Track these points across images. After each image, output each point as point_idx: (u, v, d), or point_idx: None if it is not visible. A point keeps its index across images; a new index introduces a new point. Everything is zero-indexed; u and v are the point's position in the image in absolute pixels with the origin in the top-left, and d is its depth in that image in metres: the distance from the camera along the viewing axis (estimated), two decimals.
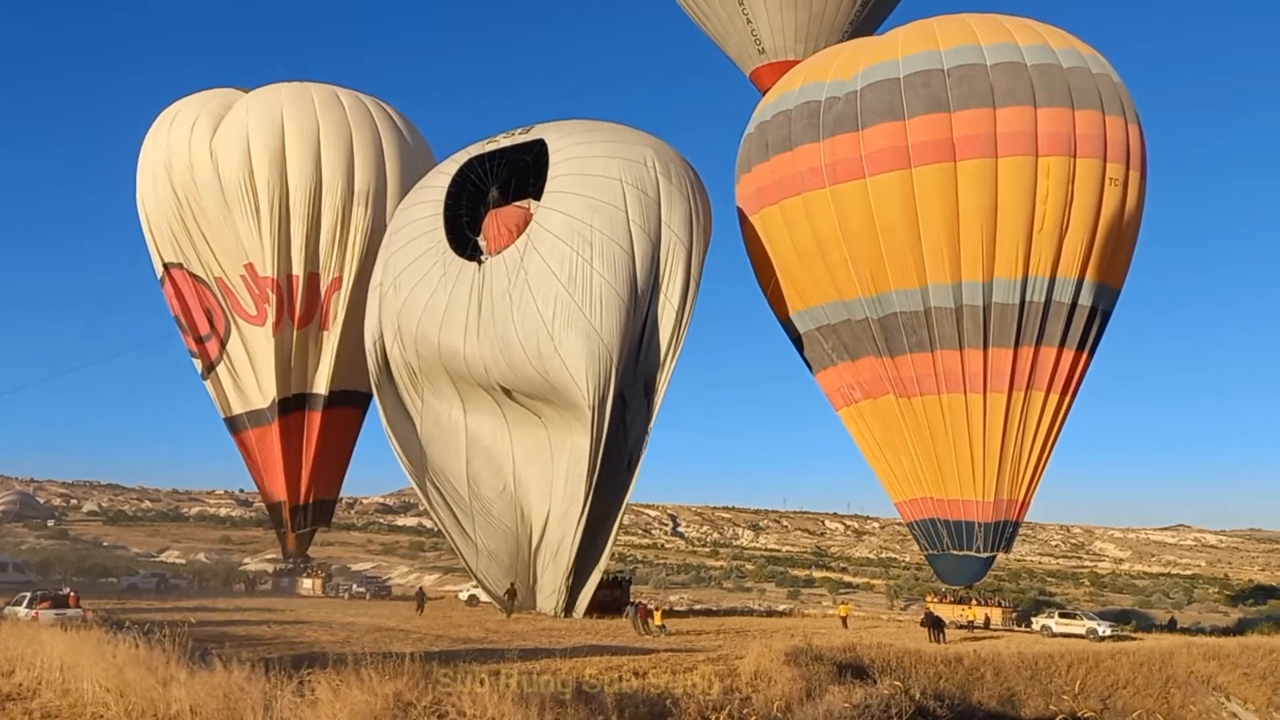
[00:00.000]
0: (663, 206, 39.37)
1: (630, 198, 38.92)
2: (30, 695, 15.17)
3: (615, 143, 41.20)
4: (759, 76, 58.11)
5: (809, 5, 54.87)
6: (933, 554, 44.14)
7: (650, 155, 40.52)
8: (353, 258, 50.12)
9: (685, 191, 40.21)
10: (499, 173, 42.06)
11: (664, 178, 39.84)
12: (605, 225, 38.23)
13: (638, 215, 38.78)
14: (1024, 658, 28.81)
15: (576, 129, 42.25)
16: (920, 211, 40.35)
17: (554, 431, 39.90)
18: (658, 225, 39.06)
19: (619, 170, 39.47)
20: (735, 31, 57.77)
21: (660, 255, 38.85)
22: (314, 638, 26.72)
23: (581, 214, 38.47)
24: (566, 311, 37.17)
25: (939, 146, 39.98)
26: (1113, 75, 42.28)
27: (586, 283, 37.41)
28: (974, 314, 40.86)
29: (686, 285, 38.99)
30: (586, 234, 38.01)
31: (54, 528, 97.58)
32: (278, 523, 53.78)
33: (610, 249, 37.89)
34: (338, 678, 12.26)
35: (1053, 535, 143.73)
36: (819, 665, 20.51)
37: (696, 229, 39.93)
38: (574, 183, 39.41)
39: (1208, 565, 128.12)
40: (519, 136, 42.67)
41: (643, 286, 38.37)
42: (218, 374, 51.99)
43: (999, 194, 39.83)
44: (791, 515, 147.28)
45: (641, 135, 42.94)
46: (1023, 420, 41.63)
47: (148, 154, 51.80)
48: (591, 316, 37.06)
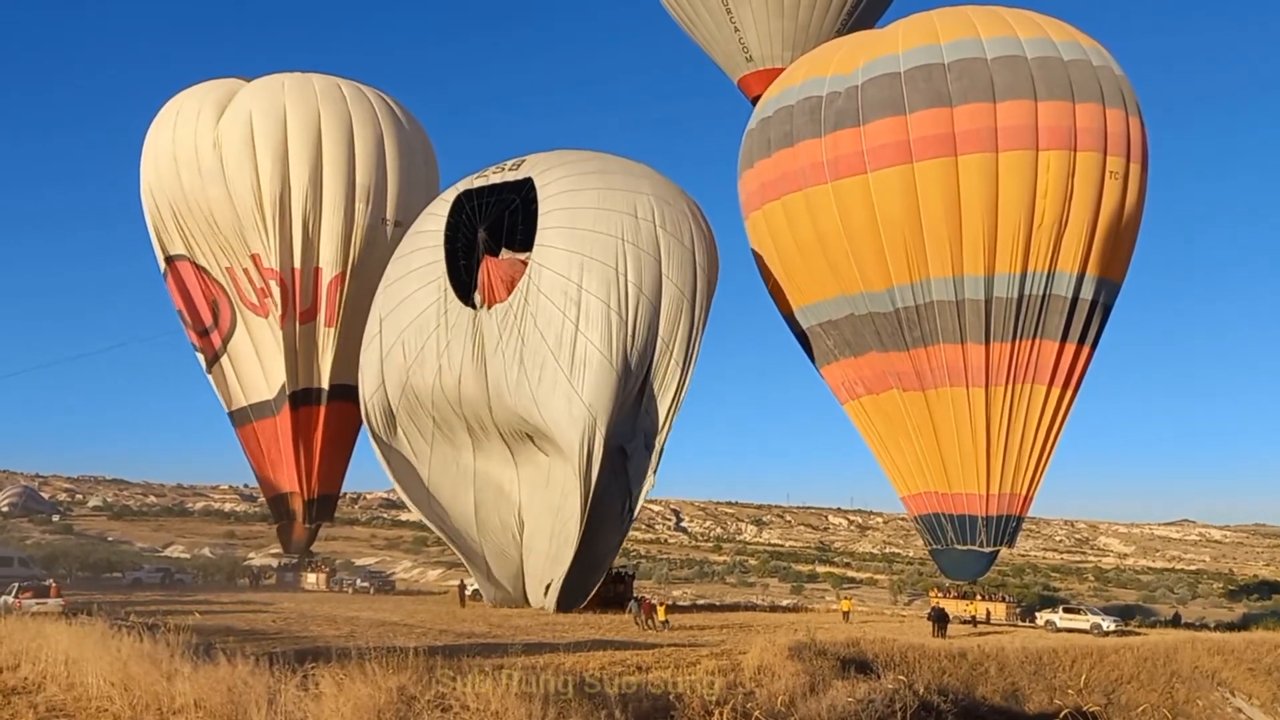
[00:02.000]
0: (662, 261, 38.49)
1: (628, 256, 37.99)
2: (35, 689, 15.21)
3: (608, 190, 39.72)
4: (746, 84, 58.58)
5: (795, 14, 55.20)
6: (937, 549, 44.13)
7: (646, 204, 39.33)
8: (353, 252, 50.16)
9: (685, 238, 39.20)
10: (488, 210, 41.26)
11: (662, 229, 38.85)
12: (598, 286, 37.43)
13: (634, 274, 37.90)
14: (1028, 653, 28.78)
15: (567, 169, 40.75)
16: (922, 206, 40.29)
17: (554, 462, 39.72)
18: (657, 281, 38.22)
19: (615, 226, 38.39)
20: (723, 40, 58.12)
21: (661, 311, 38.08)
22: (318, 632, 26.76)
23: (573, 273, 37.72)
24: (553, 377, 36.99)
25: (940, 141, 39.90)
26: (1114, 68, 42.13)
27: (572, 347, 36.95)
28: (975, 308, 40.81)
29: (690, 337, 38.41)
30: (575, 295, 37.36)
31: (59, 523, 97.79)
32: (279, 516, 53.83)
33: (601, 312, 37.19)
34: (342, 672, 12.27)
35: (1057, 530, 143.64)
36: (822, 660, 20.50)
37: (699, 279, 39.07)
38: (565, 237, 38.42)
39: (1212, 561, 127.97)
40: (509, 172, 41.69)
41: (641, 344, 37.69)
42: (221, 366, 52.10)
43: (999, 188, 39.77)
44: (795, 510, 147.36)
45: (634, 172, 41.50)
46: (1025, 414, 41.61)
47: (151, 146, 51.80)
48: (575, 381, 36.61)
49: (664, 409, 38.46)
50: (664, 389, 38.44)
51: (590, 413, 36.44)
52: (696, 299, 38.95)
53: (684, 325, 38.49)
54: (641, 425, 38.87)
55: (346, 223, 49.66)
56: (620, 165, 42.27)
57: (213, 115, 49.53)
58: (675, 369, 38.34)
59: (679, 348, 38.33)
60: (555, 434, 37.46)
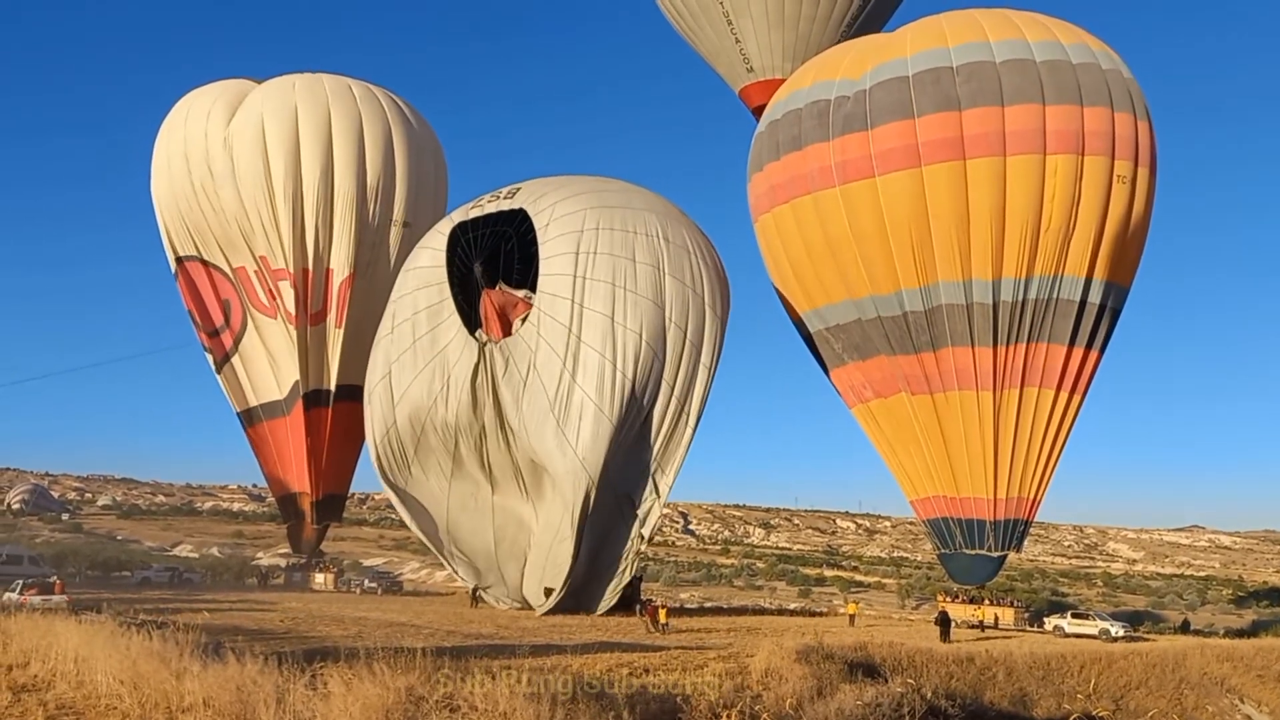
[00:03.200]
0: (665, 307, 38.00)
1: (628, 304, 37.47)
2: (45, 687, 15.27)
3: (608, 230, 38.68)
4: (748, 94, 59.11)
5: (796, 25, 55.59)
6: (945, 553, 44.03)
7: (646, 247, 38.50)
8: (363, 253, 50.31)
9: (689, 278, 38.62)
10: (483, 243, 40.84)
11: (666, 274, 38.20)
12: (596, 339, 37.11)
13: (634, 322, 37.35)
14: (1036, 658, 28.71)
15: (566, 206, 39.66)
16: (930, 210, 40.24)
17: (555, 500, 39.44)
18: (660, 329, 37.74)
19: (619, 275, 37.75)
20: (724, 51, 58.61)
21: (665, 357, 37.70)
22: (326, 632, 26.82)
23: (572, 323, 37.40)
24: (550, 426, 37.08)
25: (949, 145, 39.85)
26: (1123, 71, 42.01)
27: (567, 398, 36.88)
28: (984, 311, 40.76)
29: (692, 380, 38.02)
30: (574, 347, 37.16)
31: (68, 521, 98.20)
32: (289, 516, 53.98)
33: (599, 365, 36.91)
34: (350, 672, 12.31)
35: (1066, 535, 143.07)
36: (830, 664, 20.48)
37: (708, 320, 38.57)
38: (563, 285, 37.91)
39: (1222, 567, 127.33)
40: (503, 200, 41.06)
41: (643, 393, 37.36)
42: (231, 366, 52.30)
43: (1007, 192, 39.72)
44: (803, 514, 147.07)
45: (634, 205, 40.37)
46: (1033, 418, 41.51)
47: (163, 146, 52.04)
48: (569, 432, 36.57)
49: (671, 454, 38.14)
50: (671, 435, 38.05)
51: (583, 467, 36.38)
52: (704, 342, 38.37)
53: (687, 367, 37.96)
54: (649, 466, 38.33)
55: (357, 224, 49.84)
56: (620, 197, 41.03)
57: (224, 116, 49.75)
58: (682, 415, 37.93)
59: (683, 391, 37.86)
60: (552, 477, 37.76)
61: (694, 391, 38.31)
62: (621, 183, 43.15)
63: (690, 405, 38.28)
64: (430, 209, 53.24)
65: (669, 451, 38.42)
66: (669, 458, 38.42)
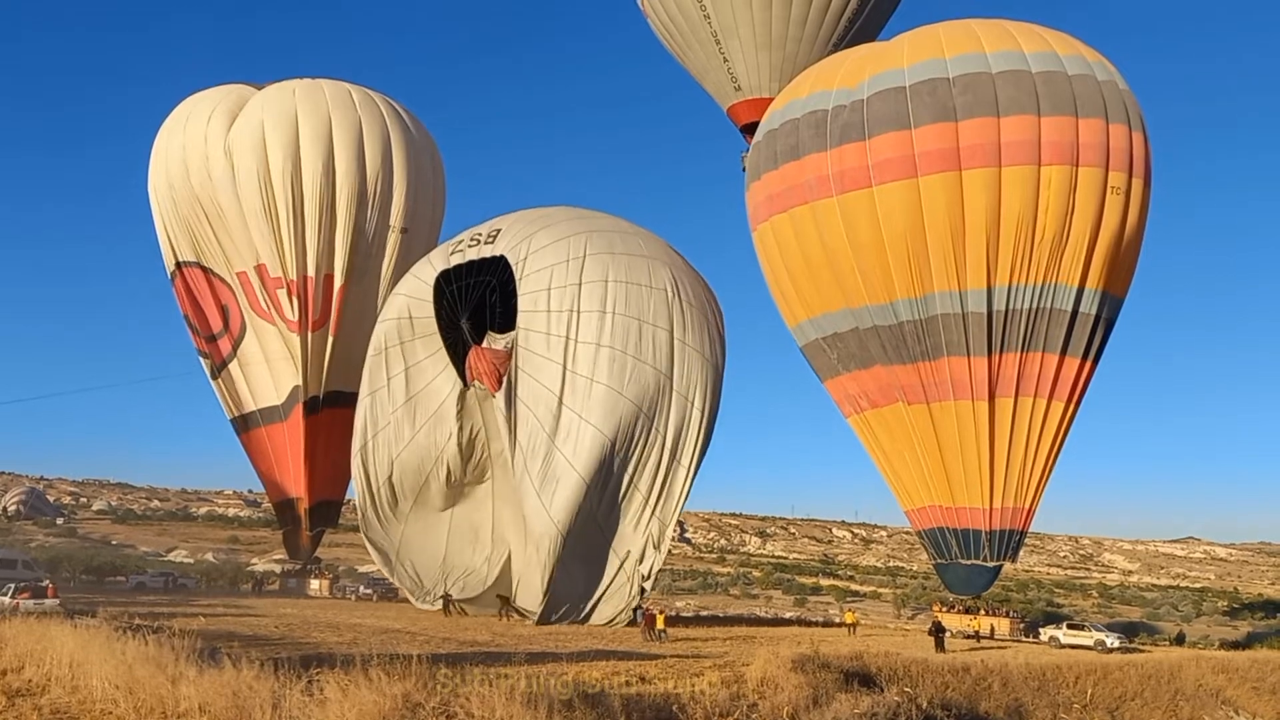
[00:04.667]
0: (656, 360, 37.24)
1: (613, 366, 36.80)
2: (40, 691, 15.24)
3: (590, 284, 37.74)
4: (735, 112, 59.86)
5: (783, 46, 56.24)
6: (941, 563, 44.00)
7: (638, 297, 37.74)
8: (361, 259, 50.33)
9: (684, 331, 38.07)
10: (468, 294, 40.29)
11: (658, 329, 37.51)
12: (579, 403, 36.66)
13: (616, 382, 36.80)
14: (1032, 668, 28.66)
15: (546, 255, 38.60)
16: (926, 220, 40.37)
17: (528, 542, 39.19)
18: (650, 385, 37.15)
19: (604, 333, 37.13)
20: (713, 70, 59.33)
21: (656, 413, 37.12)
22: (321, 639, 26.77)
23: (554, 385, 37.02)
24: (524, 484, 37.08)
25: (945, 155, 39.99)
26: (1119, 82, 42.18)
27: (547, 459, 36.63)
28: (978, 321, 40.85)
29: (683, 431, 37.61)
30: (554, 407, 36.85)
31: (63, 526, 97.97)
32: (285, 521, 53.86)
33: (578, 429, 36.50)
34: (346, 678, 12.29)
35: (1061, 546, 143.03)
36: (826, 673, 20.44)
37: (697, 370, 37.94)
38: (544, 343, 37.45)
39: (1217, 578, 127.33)
40: (484, 245, 40.18)
41: (632, 453, 36.99)
42: (229, 372, 52.18)
43: (1001, 203, 39.87)
44: (799, 523, 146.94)
45: (614, 249, 39.28)
46: (1027, 427, 41.56)
47: (162, 149, 51.90)
48: (545, 496, 36.32)
49: (666, 506, 37.78)
50: (665, 490, 37.74)
51: (557, 531, 36.18)
52: (695, 393, 37.82)
53: (678, 421, 37.64)
54: (645, 523, 37.88)
55: (355, 230, 49.87)
56: (603, 241, 39.76)
57: (224, 122, 49.73)
58: (674, 465, 37.61)
59: (673, 442, 37.52)
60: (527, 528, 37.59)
61: (685, 441, 37.73)
62: (603, 220, 41.89)
63: (682, 456, 37.74)
64: (428, 215, 53.34)
65: (665, 504, 37.93)
66: (666, 510, 37.92)
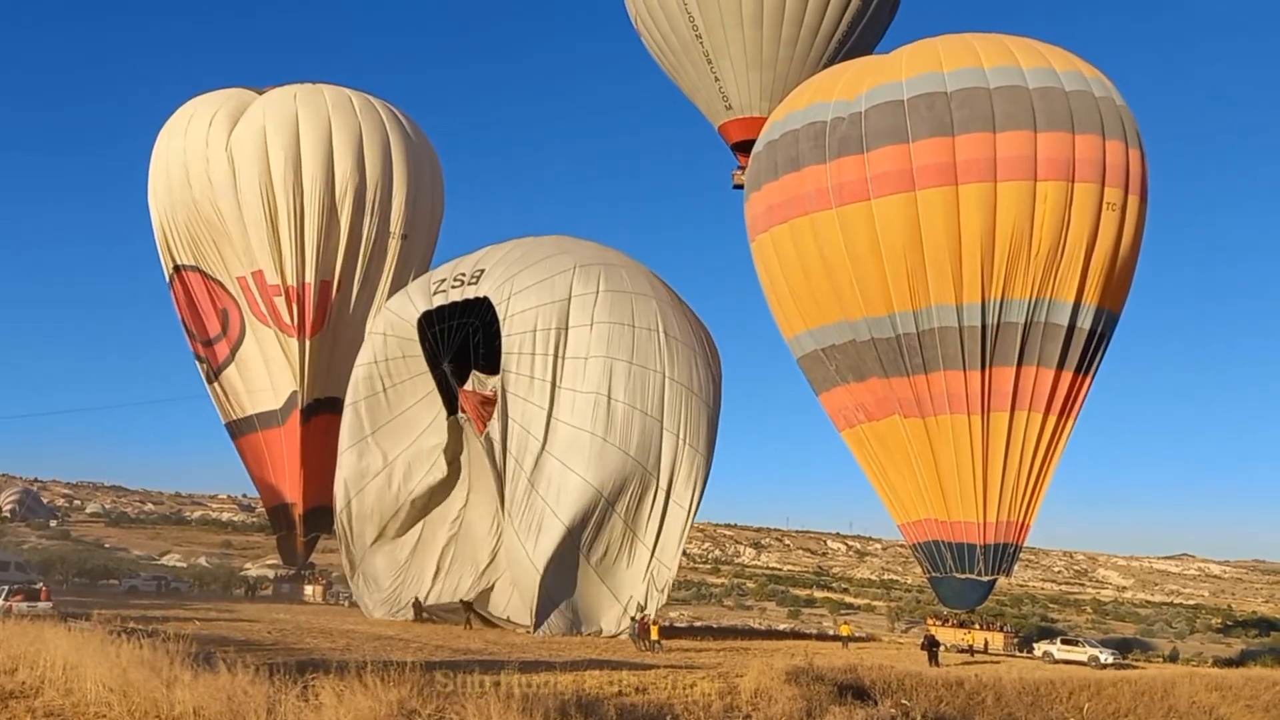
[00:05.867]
0: (648, 404, 36.48)
1: (597, 412, 36.03)
2: (33, 693, 15.18)
3: (577, 329, 36.85)
4: (726, 130, 60.84)
5: (773, 66, 57.04)
6: (936, 577, 44.02)
7: (628, 339, 36.97)
8: (360, 265, 50.38)
9: (682, 373, 37.42)
10: (451, 336, 39.61)
11: (641, 367, 36.73)
12: (563, 450, 36.08)
13: (602, 428, 36.06)
14: (1025, 683, 28.63)
15: (528, 297, 37.56)
16: (924, 233, 40.59)
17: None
18: (644, 445, 36.43)
19: (588, 379, 36.34)
20: (704, 88, 60.21)
21: (647, 453, 36.49)
22: (314, 644, 26.70)
23: (539, 431, 36.42)
24: (507, 530, 36.97)
25: (942, 170, 40.22)
26: (1116, 98, 42.42)
27: (530, 506, 36.37)
28: (974, 335, 41.03)
29: (675, 468, 36.96)
30: (535, 450, 36.37)
31: (56, 528, 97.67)
32: (279, 527, 53.72)
33: (561, 477, 35.97)
34: (341, 684, 12.29)
35: (1056, 561, 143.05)
36: (820, 685, 20.43)
37: (695, 408, 37.07)
38: (526, 388, 36.75)
39: (1211, 596, 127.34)
40: (467, 285, 39.03)
41: (621, 499, 36.49)
42: (226, 376, 52.09)
43: (998, 218, 40.13)
44: (794, 534, 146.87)
45: (605, 285, 38.08)
46: (1022, 442, 41.66)
47: (162, 152, 51.87)
48: (528, 544, 36.03)
49: (665, 545, 37.48)
50: (660, 531, 37.43)
51: (536, 570, 35.91)
52: (683, 431, 37.14)
53: (667, 460, 37.01)
54: (647, 565, 37.55)
55: (354, 236, 49.92)
56: (589, 279, 38.32)
57: (225, 126, 49.77)
58: (672, 508, 37.25)
59: (668, 483, 37.02)
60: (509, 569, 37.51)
61: (680, 481, 37.24)
62: (588, 253, 40.60)
63: (679, 497, 37.34)
64: (426, 222, 53.42)
65: (665, 547, 37.68)
66: (666, 552, 37.65)
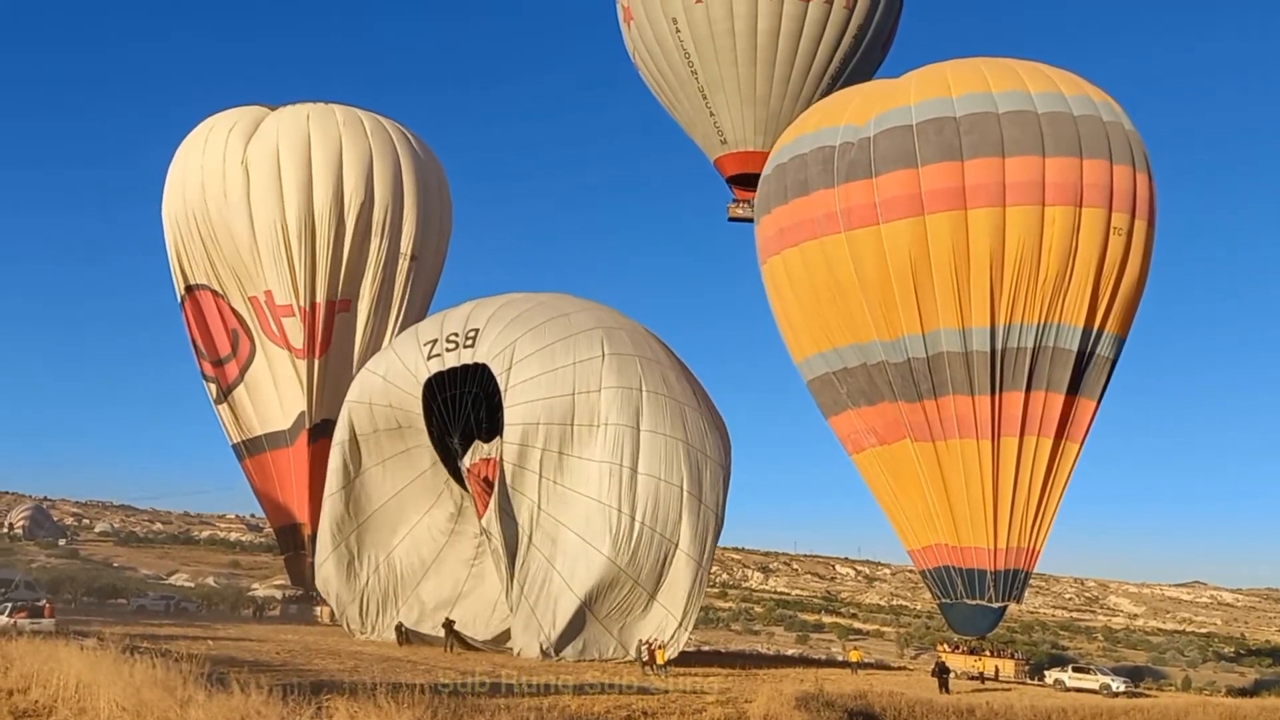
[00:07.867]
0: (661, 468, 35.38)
1: (608, 480, 35.08)
2: (46, 712, 15.26)
3: (586, 393, 35.93)
4: (722, 164, 61.67)
5: (768, 102, 57.76)
6: (946, 603, 43.78)
7: (635, 401, 35.88)
8: (370, 286, 50.55)
9: (695, 436, 36.51)
10: (455, 404, 38.05)
11: (650, 432, 35.64)
12: (569, 517, 35.37)
13: (612, 497, 35.02)
14: (1037, 711, 28.49)
15: (531, 360, 36.42)
16: (932, 258, 40.73)
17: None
18: (654, 509, 35.45)
19: (598, 446, 35.42)
20: (700, 123, 61.03)
21: (659, 518, 35.46)
22: (323, 665, 26.68)
23: (543, 502, 35.68)
24: (514, 596, 36.22)
25: (951, 194, 40.41)
26: (1125, 123, 42.57)
27: (533, 570, 35.64)
28: (982, 360, 41.09)
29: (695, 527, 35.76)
30: (530, 512, 35.70)
31: (65, 547, 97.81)
32: (288, 547, 53.61)
33: (570, 544, 35.37)
34: (354, 704, 12.32)
35: (1066, 588, 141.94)
36: (830, 711, 20.37)
37: (703, 466, 36.03)
38: (535, 460, 35.69)
39: (1224, 624, 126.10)
40: (463, 349, 37.62)
41: (638, 568, 35.62)
42: (235, 396, 52.12)
43: (1006, 242, 40.31)
44: (802, 559, 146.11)
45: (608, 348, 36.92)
46: (1031, 467, 41.59)
47: (179, 170, 52.01)
48: (536, 607, 35.40)
49: (685, 604, 36.71)
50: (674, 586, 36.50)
51: (546, 633, 35.21)
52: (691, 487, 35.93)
53: (687, 522, 35.88)
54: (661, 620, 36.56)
55: (363, 257, 50.15)
56: (590, 344, 36.99)
57: (240, 143, 50.01)
58: (685, 562, 36.18)
59: (688, 543, 35.97)
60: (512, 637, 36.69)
61: (691, 537, 36.24)
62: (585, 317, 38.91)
63: (691, 551, 36.30)
64: (435, 243, 53.69)
65: (679, 601, 36.84)
66: (680, 605, 36.86)
